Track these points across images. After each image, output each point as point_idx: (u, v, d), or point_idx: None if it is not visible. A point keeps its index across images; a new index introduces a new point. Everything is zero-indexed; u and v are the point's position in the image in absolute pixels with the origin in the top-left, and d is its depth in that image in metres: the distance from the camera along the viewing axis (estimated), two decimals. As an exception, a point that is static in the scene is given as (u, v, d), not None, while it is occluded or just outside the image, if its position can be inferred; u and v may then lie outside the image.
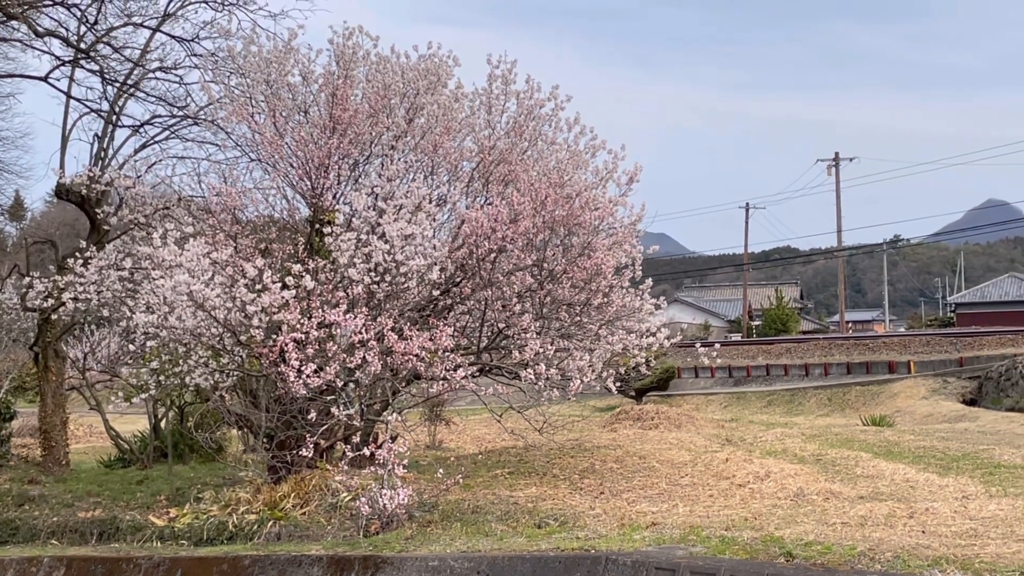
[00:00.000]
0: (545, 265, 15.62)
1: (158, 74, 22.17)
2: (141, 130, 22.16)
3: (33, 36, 20.94)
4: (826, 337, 55.95)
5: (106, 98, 22.26)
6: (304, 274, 14.21)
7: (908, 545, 9.88)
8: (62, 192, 21.20)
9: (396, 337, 13.89)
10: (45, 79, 21.34)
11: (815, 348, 48.17)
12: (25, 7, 20.00)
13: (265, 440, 16.38)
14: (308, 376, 13.50)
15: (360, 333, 13.83)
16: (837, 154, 74.52)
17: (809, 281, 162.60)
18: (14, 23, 20.95)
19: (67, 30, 21.44)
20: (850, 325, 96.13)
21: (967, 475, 15.59)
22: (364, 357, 13.77)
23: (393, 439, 14.59)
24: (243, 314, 14.17)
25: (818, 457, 17.88)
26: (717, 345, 17.09)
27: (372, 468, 14.03)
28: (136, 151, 21.83)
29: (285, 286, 14.10)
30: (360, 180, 16.75)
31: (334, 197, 16.70)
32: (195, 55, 21.16)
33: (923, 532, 10.92)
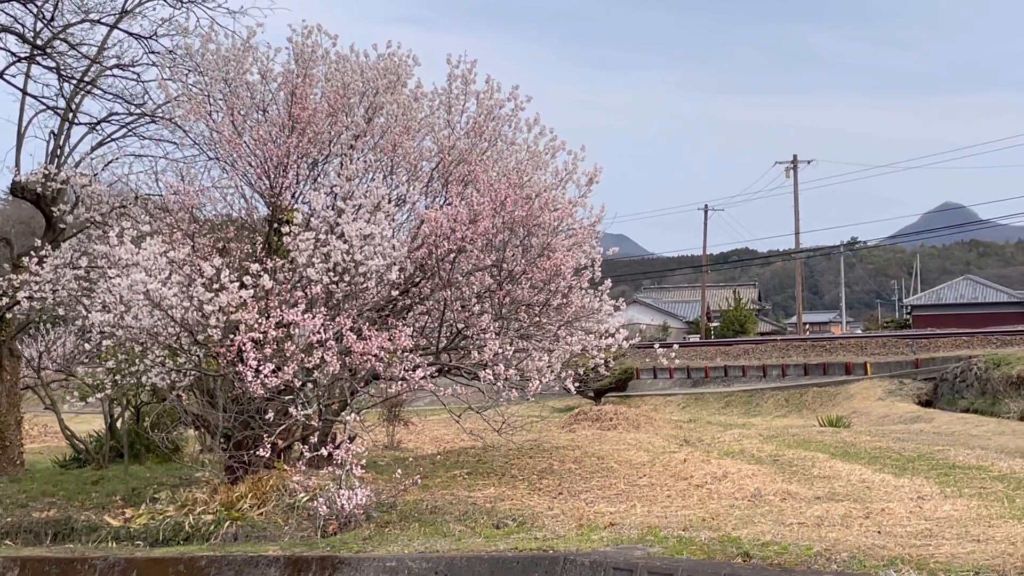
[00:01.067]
0: (504, 266, 15.62)
1: (115, 71, 22.02)
2: (98, 127, 22.01)
3: (-12, 32, 20.76)
4: (784, 338, 56.33)
5: (63, 95, 22.09)
6: (262, 273, 14.14)
7: (864, 545, 9.94)
8: (17, 189, 21.00)
9: (355, 337, 13.84)
10: (0, 76, 21.13)
11: (773, 349, 48.48)
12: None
13: (222, 440, 16.30)
14: (266, 376, 13.44)
15: (318, 333, 13.78)
16: (795, 157, 75.02)
17: (767, 283, 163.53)
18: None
19: (23, 26, 21.28)
20: (807, 327, 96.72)
21: (922, 476, 15.71)
22: (322, 357, 13.72)
23: (351, 439, 14.55)
24: (200, 313, 14.09)
25: (775, 458, 17.97)
26: (675, 346, 17.13)
27: (330, 468, 13.97)
28: (93, 149, 21.67)
29: (243, 285, 14.04)
30: (319, 179, 16.69)
31: (293, 196, 16.63)
32: (153, 52, 21.03)
33: (879, 532, 10.99)
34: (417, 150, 17.09)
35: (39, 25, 21.20)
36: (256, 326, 13.65)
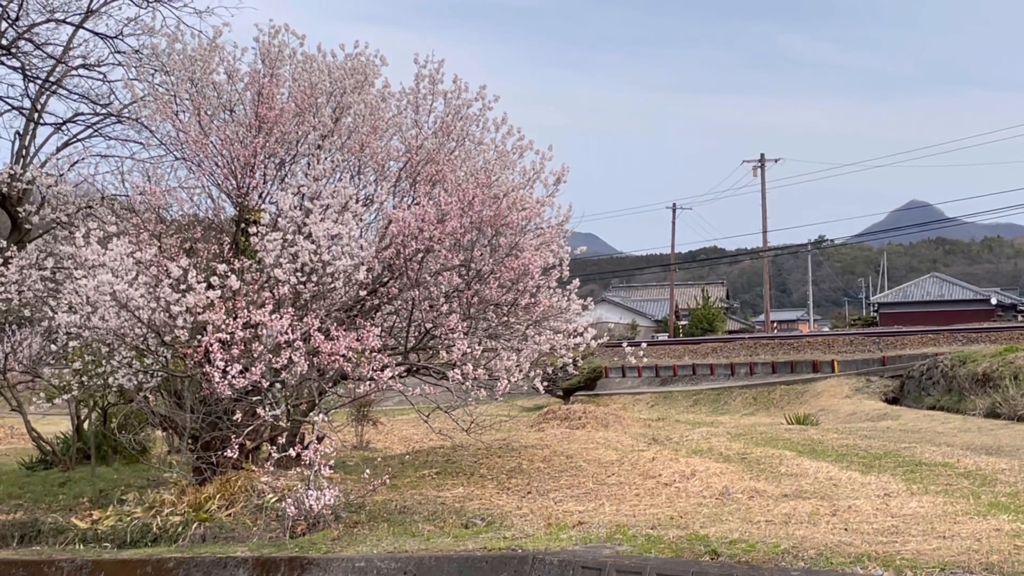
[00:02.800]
0: (472, 265, 15.62)
1: (81, 71, 21.92)
2: (64, 128, 21.91)
3: (-49, 33, 20.63)
4: (751, 337, 56.58)
5: (28, 95, 21.96)
6: (229, 274, 14.10)
7: (831, 543, 10.00)
8: (-18, 190, 20.87)
9: (323, 337, 13.83)
10: (-36, 76, 21.02)
11: (741, 348, 48.65)
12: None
13: (190, 441, 16.24)
14: (233, 377, 13.40)
15: (286, 333, 13.75)
16: (763, 155, 75.37)
17: (735, 281, 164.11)
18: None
19: (-13, 26, 21.14)
20: (775, 325, 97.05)
21: (889, 473, 15.80)
22: (290, 357, 13.69)
23: (319, 440, 14.53)
24: (167, 314, 14.03)
25: (743, 456, 18.04)
26: (644, 345, 17.20)
27: (298, 469, 13.97)
28: (59, 149, 21.57)
29: (210, 286, 13.99)
30: (286, 179, 16.66)
31: (260, 197, 16.60)
32: (119, 52, 20.96)
33: (846, 530, 11.05)
34: (385, 150, 17.08)
35: (3, 25, 21.07)
36: (223, 327, 13.61)
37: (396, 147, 17.28)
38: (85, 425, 23.06)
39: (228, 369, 13.40)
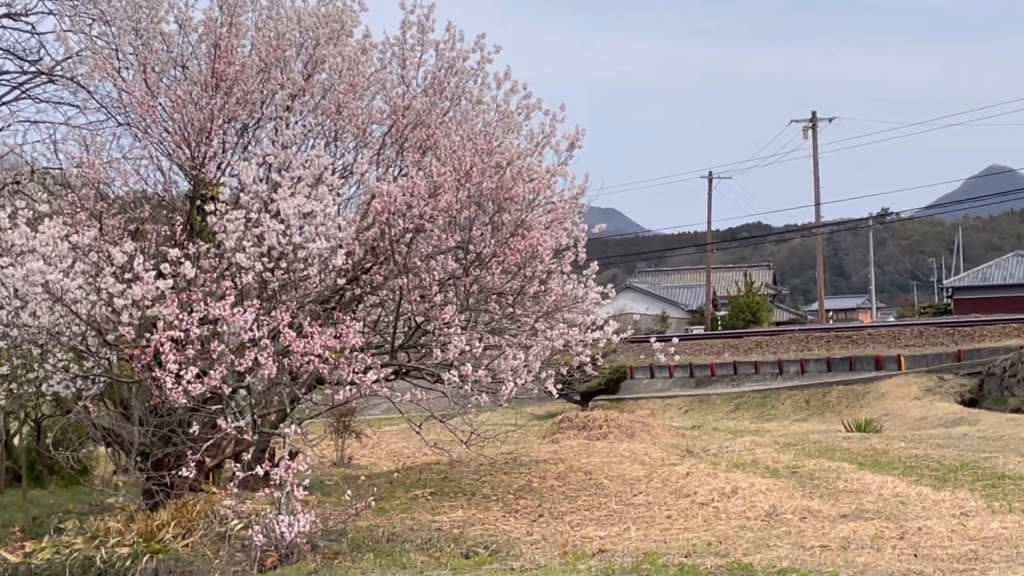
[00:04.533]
0: (471, 247, 15.60)
1: (4, 22, 21.89)
2: (-15, 89, 21.89)
3: None
4: (803, 329, 56.52)
5: (-59, 50, 21.97)
6: (183, 260, 14.07)
7: (898, 571, 10.00)
8: None
9: (294, 335, 13.80)
10: None
11: (790, 342, 48.59)
12: None
13: (139, 459, 16.24)
14: (189, 382, 13.37)
15: (251, 330, 13.72)
16: (814, 114, 75.25)
17: (783, 263, 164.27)
18: None
19: None
20: (831, 314, 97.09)
21: (966, 488, 15.79)
22: (256, 359, 13.66)
23: (292, 455, 14.53)
24: (110, 308, 14.02)
25: (794, 469, 18.04)
26: (676, 339, 17.17)
27: (267, 490, 13.94)
28: (-21, 115, 21.57)
29: (160, 275, 13.95)
30: (249, 148, 16.65)
31: (218, 168, 16.58)
32: (50, -1, 20.92)
33: (915, 555, 11.05)
34: (366, 111, 17.06)
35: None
36: (176, 323, 13.58)
37: (379, 108, 17.26)
38: (15, 441, 23.10)
39: (183, 373, 13.37)
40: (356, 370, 13.96)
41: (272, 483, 13.54)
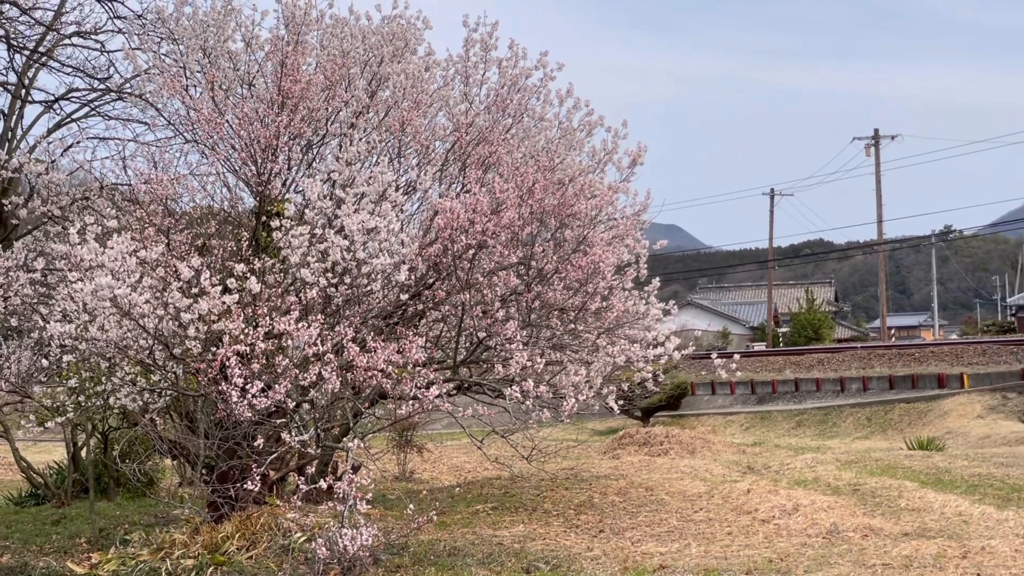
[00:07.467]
0: (533, 263, 15.62)
1: (75, 40, 22.08)
2: (55, 106, 22.07)
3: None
4: (865, 346, 56.10)
5: (13, 68, 22.13)
6: (249, 275, 14.16)
7: (960, 590, 9.93)
8: (-40, 180, 21.08)
9: (358, 349, 13.85)
10: (-61, 46, 21.24)
11: (852, 359, 48.25)
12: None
13: (204, 471, 16.33)
14: (254, 396, 13.45)
15: (315, 345, 13.78)
16: (877, 131, 74.79)
17: (845, 280, 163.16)
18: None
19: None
20: (893, 332, 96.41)
21: (1030, 508, 15.65)
22: (320, 373, 13.73)
23: (355, 469, 14.56)
24: (177, 323, 14.12)
25: (855, 487, 17.93)
26: (737, 356, 17.12)
27: (330, 503, 14.00)
28: (50, 131, 21.71)
29: (226, 290, 14.05)
30: (314, 164, 16.75)
31: (284, 184, 16.67)
32: (119, 17, 21.09)
33: (978, 575, 10.96)
34: (429, 128, 17.13)
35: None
36: (242, 337, 13.67)
37: (442, 125, 17.33)
38: (82, 453, 23.28)
39: (248, 387, 13.45)
40: (418, 385, 13.99)
41: (335, 496, 13.59)
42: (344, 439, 15.70)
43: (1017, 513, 15.16)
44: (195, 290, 14.04)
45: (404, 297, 15.58)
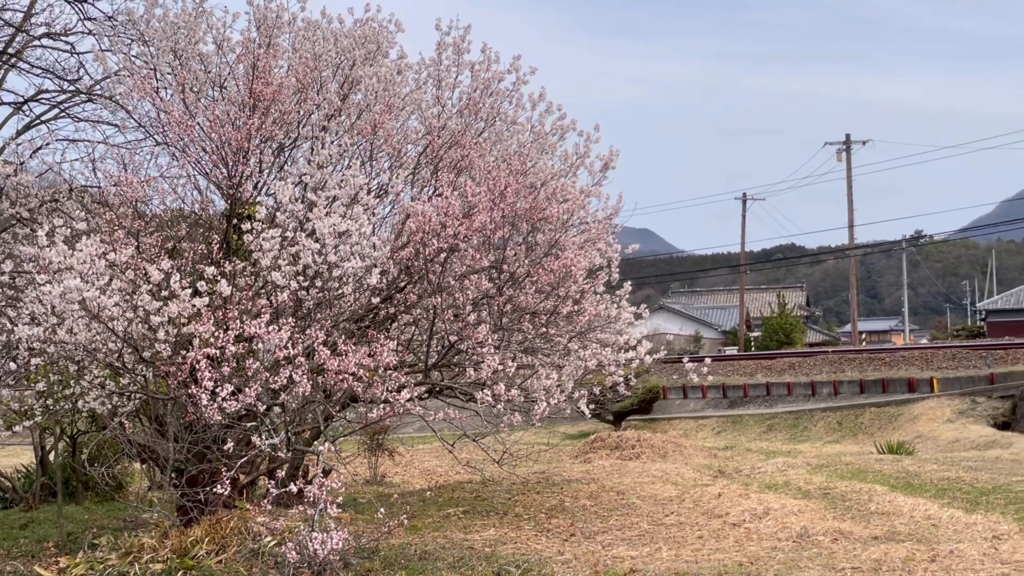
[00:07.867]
0: (505, 267, 15.60)
1: (45, 41, 21.98)
2: (25, 108, 21.95)
3: None
4: (836, 350, 56.29)
5: (-19, 69, 22.06)
6: (219, 278, 14.11)
7: (930, 594, 9.95)
8: (-73, 182, 20.97)
9: (329, 353, 13.82)
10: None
11: (823, 363, 48.45)
12: None
13: (174, 475, 16.28)
14: (224, 399, 13.40)
15: (286, 348, 13.74)
16: (848, 136, 75.23)
17: (817, 285, 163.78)
18: None
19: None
20: (864, 336, 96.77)
21: (998, 511, 15.72)
22: (291, 376, 13.69)
23: (326, 473, 14.53)
24: (147, 326, 14.06)
25: (825, 491, 17.98)
26: (708, 360, 17.14)
27: (301, 507, 13.95)
28: (19, 133, 21.59)
29: (197, 293, 13.99)
30: (286, 167, 16.70)
31: (255, 187, 16.63)
32: (89, 19, 20.98)
33: (948, 579, 11.00)
34: (401, 131, 17.12)
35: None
36: (212, 340, 13.62)
37: (414, 128, 17.32)
38: (51, 457, 23.19)
39: (218, 390, 13.41)
40: (390, 388, 13.97)
41: (305, 500, 13.55)
42: (315, 443, 15.67)
43: (985, 517, 15.22)
44: (165, 293, 13.98)
45: (375, 300, 15.55)
